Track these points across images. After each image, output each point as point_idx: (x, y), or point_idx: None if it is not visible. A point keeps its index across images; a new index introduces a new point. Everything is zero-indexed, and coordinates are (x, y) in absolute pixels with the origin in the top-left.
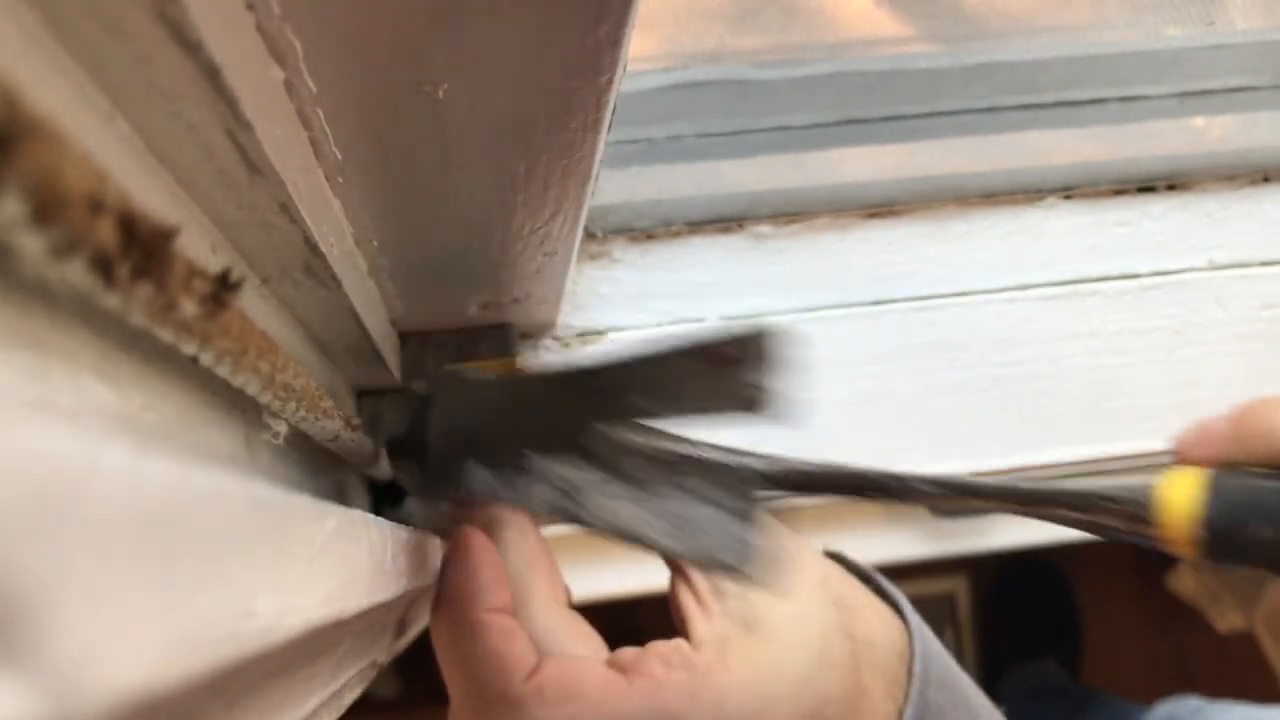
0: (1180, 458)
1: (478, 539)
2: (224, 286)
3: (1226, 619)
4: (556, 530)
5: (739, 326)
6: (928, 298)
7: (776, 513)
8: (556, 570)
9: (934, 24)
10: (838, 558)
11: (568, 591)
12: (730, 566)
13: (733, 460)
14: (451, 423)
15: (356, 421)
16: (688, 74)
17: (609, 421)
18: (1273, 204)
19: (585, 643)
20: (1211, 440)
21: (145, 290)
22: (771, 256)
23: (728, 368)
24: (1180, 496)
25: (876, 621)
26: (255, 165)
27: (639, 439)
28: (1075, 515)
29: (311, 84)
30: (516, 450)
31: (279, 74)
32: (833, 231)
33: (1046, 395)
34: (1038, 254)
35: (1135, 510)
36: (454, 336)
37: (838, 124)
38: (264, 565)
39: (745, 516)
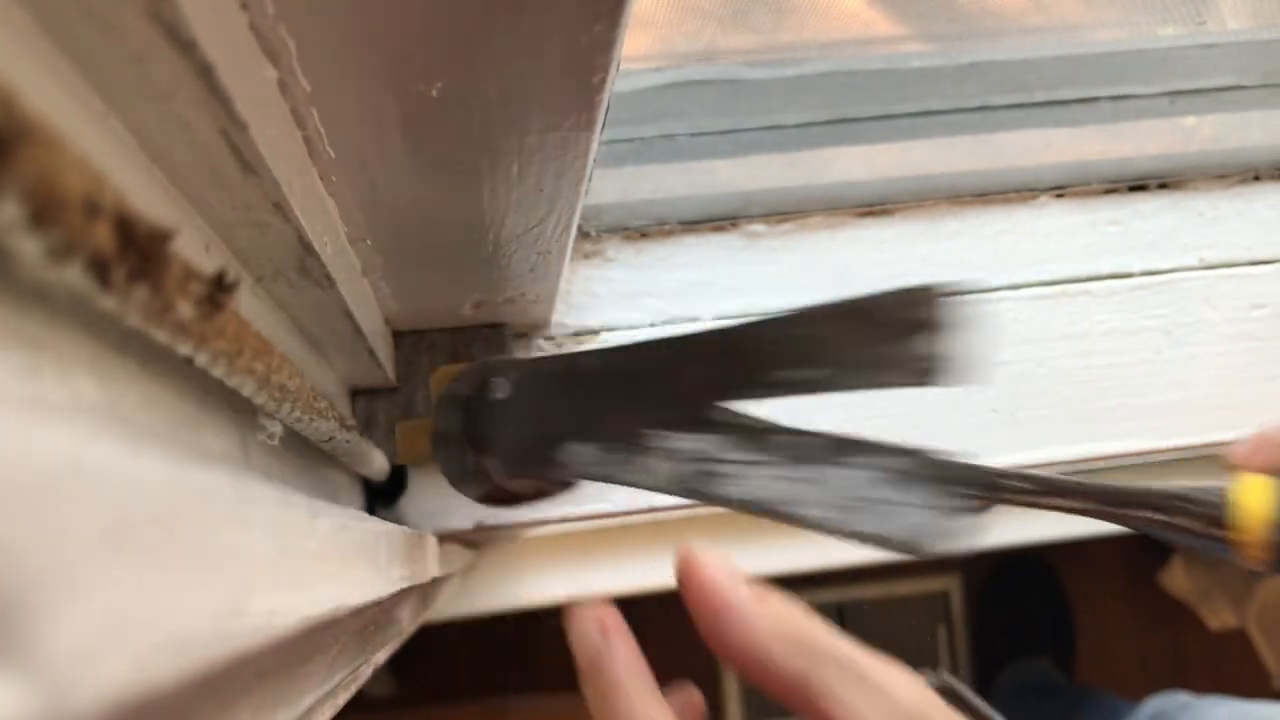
0: (1239, 466)
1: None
2: (220, 288)
3: (1218, 616)
4: (554, 529)
5: (905, 287)
6: None
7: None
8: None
9: (926, 23)
10: (947, 690)
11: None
12: (905, 544)
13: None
14: (538, 409)
15: (351, 422)
16: (681, 73)
17: (745, 395)
18: (1264, 203)
19: None
20: (1271, 449)
21: (141, 292)
22: (765, 255)
23: (895, 333)
24: (1258, 501)
25: None
26: (249, 164)
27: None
28: (1157, 517)
29: (305, 83)
30: (631, 427)
31: (272, 73)
32: (825, 230)
33: (1037, 395)
34: (1029, 253)
35: (1212, 513)
36: (448, 336)
37: (830, 123)
38: (257, 564)
39: (944, 508)
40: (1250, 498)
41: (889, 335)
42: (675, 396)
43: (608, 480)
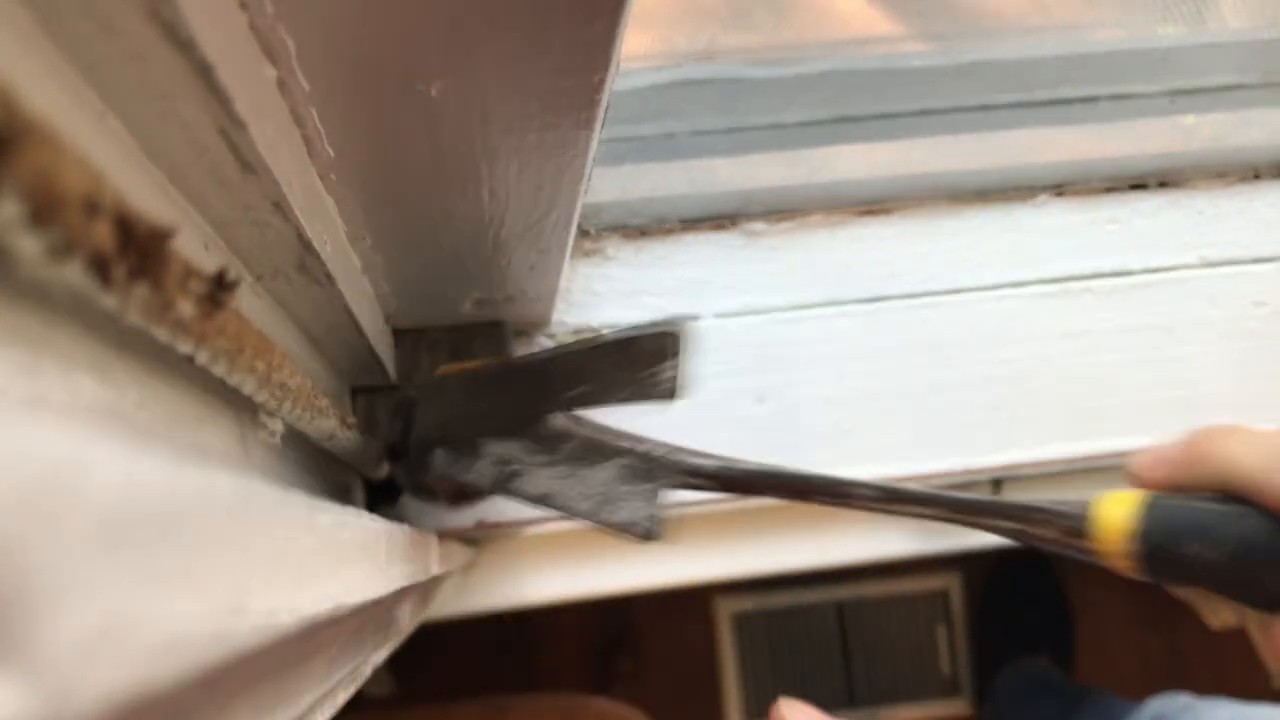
0: (1134, 481)
1: None
2: (220, 286)
3: (1219, 616)
4: (554, 527)
5: (655, 324)
6: (920, 295)
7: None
8: None
9: (926, 22)
10: None
11: None
12: (638, 533)
13: (675, 456)
14: (431, 419)
15: (351, 420)
16: (681, 72)
17: (555, 409)
18: (1264, 201)
19: None
20: (1163, 465)
21: (142, 290)
22: (764, 254)
23: (643, 364)
24: (1117, 513)
25: None
26: (248, 163)
27: (583, 429)
28: (1012, 526)
29: (304, 82)
30: (473, 436)
31: (272, 73)
32: (825, 229)
33: (1038, 393)
34: (1030, 251)
35: (1073, 525)
36: (448, 334)
37: (830, 122)
38: (257, 562)
39: (654, 496)
40: (1112, 510)
41: (640, 364)
42: (506, 411)
43: (451, 478)
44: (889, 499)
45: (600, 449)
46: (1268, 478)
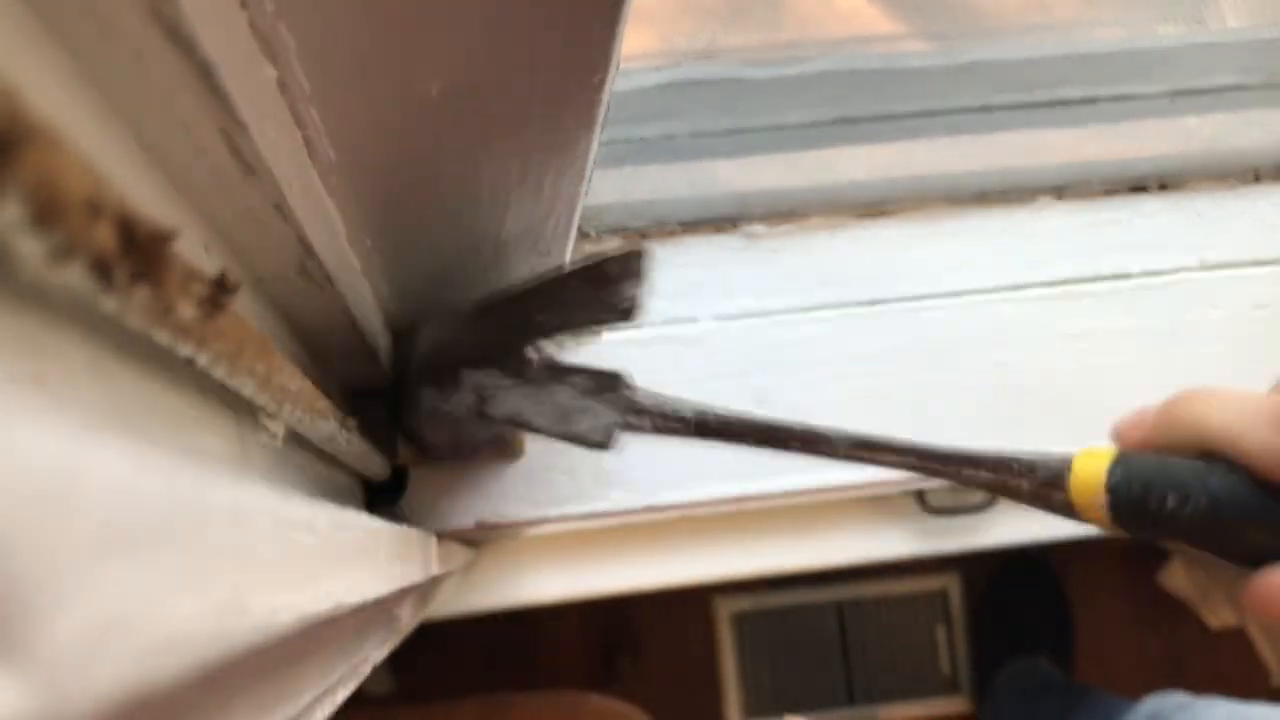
0: (1116, 442)
1: None
2: (221, 289)
3: (1217, 615)
4: (554, 528)
5: (617, 248)
6: (920, 298)
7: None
8: None
9: (926, 22)
10: None
11: None
12: (592, 443)
13: (652, 399)
14: (420, 357)
15: (351, 422)
16: (681, 73)
17: (525, 339)
18: (1265, 203)
19: None
20: (1142, 425)
21: (143, 293)
22: (764, 256)
23: (608, 285)
24: (1091, 466)
25: None
26: (249, 164)
27: (551, 359)
28: (987, 476)
29: (305, 83)
30: (455, 370)
31: (272, 73)
32: (825, 231)
33: (1038, 395)
34: (1030, 254)
35: (1049, 477)
36: None
37: (830, 123)
38: (257, 563)
39: (613, 407)
40: (1087, 463)
41: (604, 284)
42: (483, 344)
43: (438, 413)
44: (863, 446)
45: (564, 370)
46: (1239, 434)
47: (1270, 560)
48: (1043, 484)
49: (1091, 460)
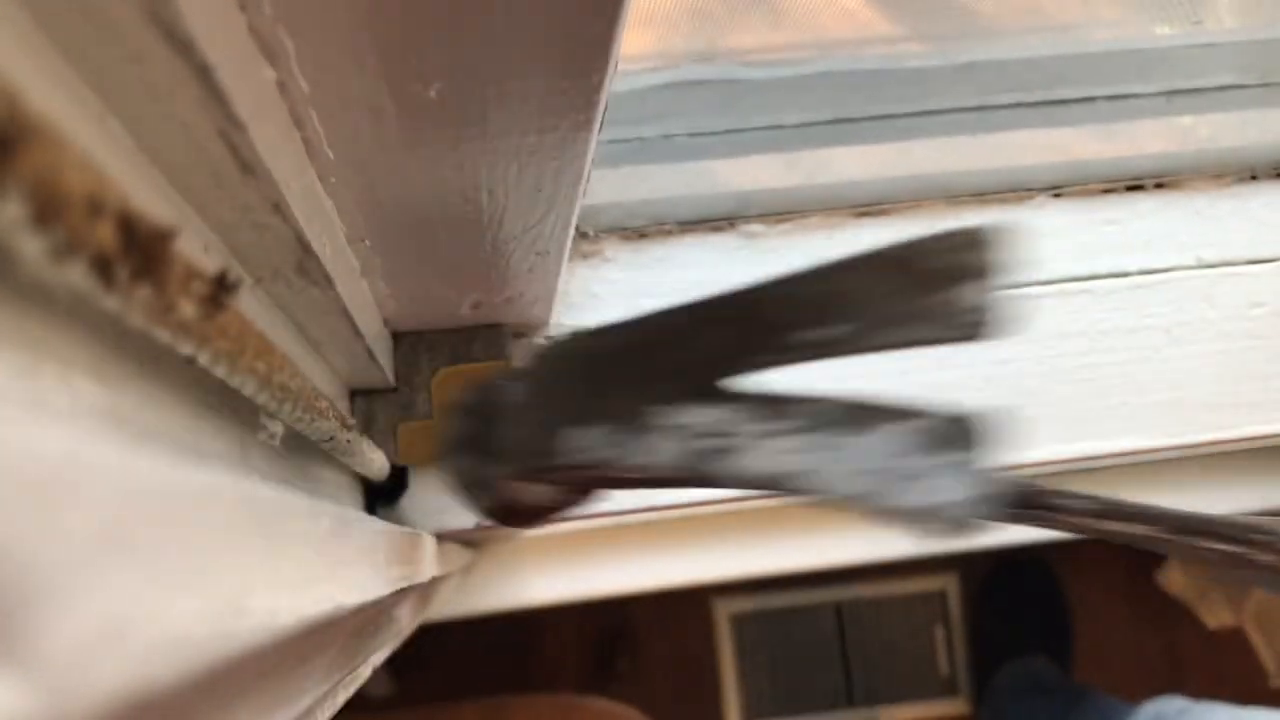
0: None
1: None
2: (222, 288)
3: (1216, 616)
4: (553, 529)
5: (950, 230)
6: None
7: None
8: None
9: (924, 23)
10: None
11: None
12: (945, 521)
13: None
14: (541, 398)
15: (351, 422)
16: (679, 73)
17: (762, 362)
18: (1260, 202)
19: None
20: None
21: (144, 292)
22: (763, 255)
23: (938, 282)
24: None
25: None
26: (248, 165)
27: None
28: (1232, 550)
29: (304, 84)
30: (633, 404)
31: (271, 74)
32: (823, 231)
33: (1035, 394)
34: (1027, 252)
35: None
36: (447, 336)
37: (828, 123)
38: (257, 564)
39: (963, 469)
40: None
41: (930, 285)
42: (685, 367)
43: (609, 465)
44: (1100, 514)
45: (863, 410)
46: None
47: None
48: None
49: None
